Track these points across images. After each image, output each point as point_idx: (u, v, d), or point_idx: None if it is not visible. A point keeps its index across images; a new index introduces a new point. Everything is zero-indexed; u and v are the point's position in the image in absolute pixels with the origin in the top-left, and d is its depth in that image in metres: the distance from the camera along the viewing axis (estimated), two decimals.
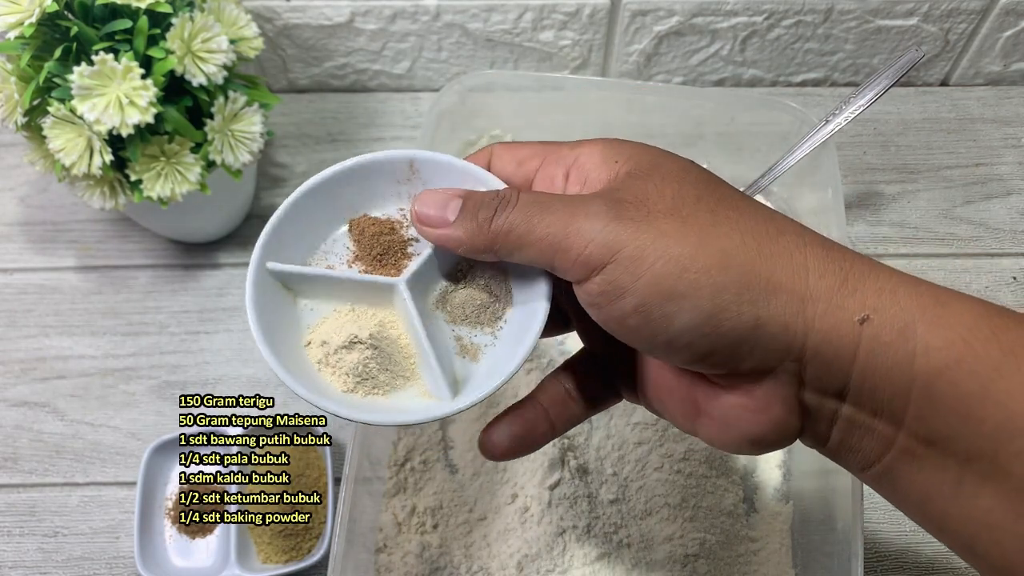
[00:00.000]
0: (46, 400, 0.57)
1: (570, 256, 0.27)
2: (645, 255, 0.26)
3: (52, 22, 0.49)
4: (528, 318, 0.32)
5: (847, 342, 0.26)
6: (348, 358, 0.32)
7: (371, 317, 0.33)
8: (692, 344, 0.27)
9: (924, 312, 0.26)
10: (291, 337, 0.33)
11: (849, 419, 0.27)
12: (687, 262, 0.26)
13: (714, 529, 0.49)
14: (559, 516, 0.49)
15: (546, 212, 0.28)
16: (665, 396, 0.31)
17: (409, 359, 0.33)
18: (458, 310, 0.33)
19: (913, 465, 0.27)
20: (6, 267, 0.62)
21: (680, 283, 0.26)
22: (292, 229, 0.33)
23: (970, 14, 0.65)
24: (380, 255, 0.33)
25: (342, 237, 0.34)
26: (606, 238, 0.27)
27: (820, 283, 0.26)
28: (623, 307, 0.27)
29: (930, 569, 0.51)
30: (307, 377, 0.32)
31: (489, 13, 0.64)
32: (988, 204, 0.64)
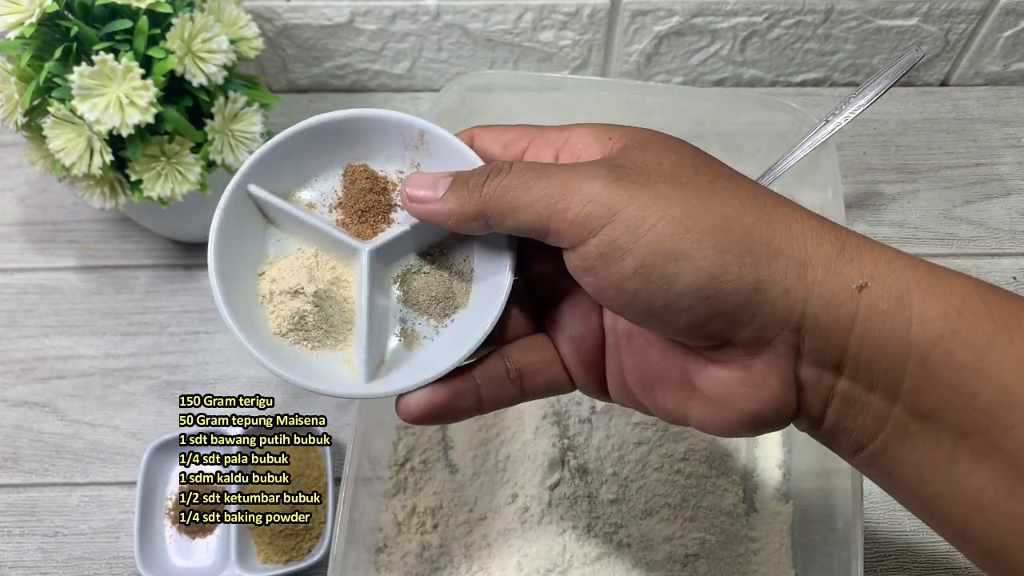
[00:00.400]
0: (46, 400, 0.57)
1: (567, 216, 0.27)
2: (646, 215, 0.26)
3: (52, 22, 0.49)
4: (472, 328, 0.31)
5: (846, 310, 0.26)
6: (289, 304, 0.32)
7: (330, 270, 0.33)
8: (692, 308, 0.26)
9: (919, 282, 0.26)
10: (249, 261, 0.32)
11: (845, 395, 0.27)
12: (689, 222, 0.26)
13: (714, 529, 0.49)
14: (559, 516, 0.49)
15: (542, 175, 0.28)
16: (652, 380, 0.31)
17: (348, 324, 0.32)
18: (413, 293, 0.33)
19: (907, 444, 0.27)
20: (6, 267, 0.62)
21: (682, 243, 0.26)
22: (286, 157, 0.33)
23: (970, 14, 0.65)
24: (362, 211, 0.33)
25: (334, 178, 0.34)
26: (607, 197, 0.26)
27: (818, 250, 0.26)
28: (622, 269, 0.26)
29: (930, 569, 0.51)
30: (245, 305, 0.32)
31: (489, 13, 0.64)
32: (988, 204, 0.64)
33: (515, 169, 0.29)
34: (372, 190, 0.33)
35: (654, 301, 0.26)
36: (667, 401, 0.30)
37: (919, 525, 0.52)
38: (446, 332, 0.33)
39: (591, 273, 0.28)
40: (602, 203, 0.26)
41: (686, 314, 0.26)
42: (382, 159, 0.34)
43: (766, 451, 0.53)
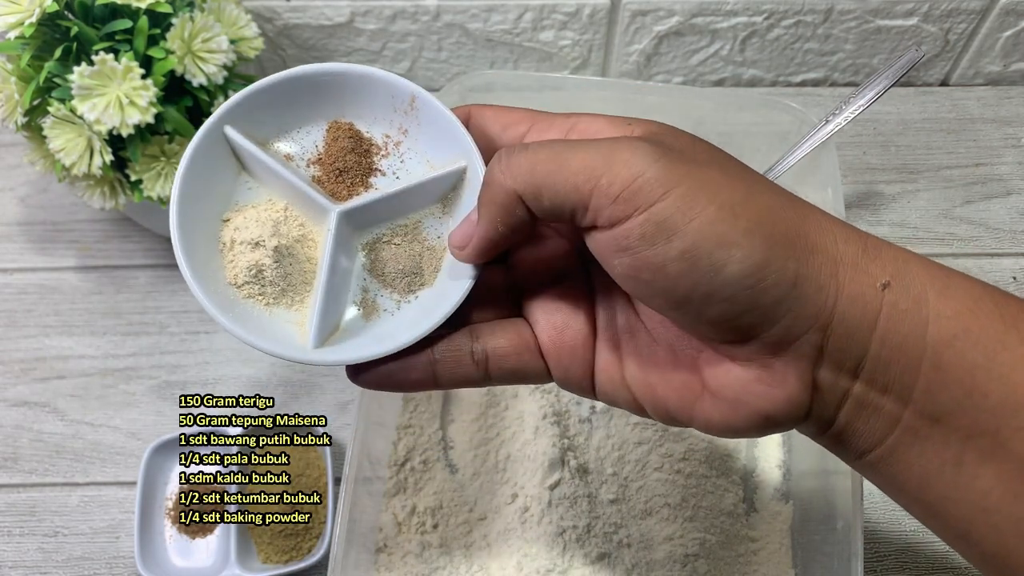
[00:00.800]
0: (46, 400, 0.57)
1: (612, 191, 0.25)
2: (698, 197, 0.25)
3: (52, 22, 0.49)
4: (435, 308, 0.30)
5: (870, 308, 0.26)
6: (248, 255, 0.30)
7: (298, 226, 0.32)
8: (733, 298, 0.25)
9: (934, 282, 0.26)
10: (215, 206, 0.31)
11: (859, 398, 0.27)
12: (739, 210, 0.25)
13: (714, 529, 0.49)
14: (559, 516, 0.49)
15: (578, 147, 0.26)
16: (656, 378, 0.29)
17: (307, 285, 0.31)
18: (379, 263, 0.32)
19: (915, 447, 0.26)
20: (6, 267, 0.62)
21: (734, 230, 0.25)
22: (270, 103, 0.31)
23: (970, 14, 0.65)
24: (341, 171, 0.32)
25: (317, 132, 0.32)
26: (657, 174, 0.25)
27: (847, 248, 0.26)
28: (668, 251, 0.25)
29: (930, 569, 0.51)
30: (203, 250, 0.30)
31: (489, 13, 0.64)
32: (988, 204, 0.64)
33: (540, 142, 0.27)
34: (354, 150, 0.32)
35: (696, 288, 0.25)
36: (671, 400, 0.29)
37: (919, 525, 0.52)
38: (408, 308, 0.32)
39: (628, 253, 0.26)
40: (652, 179, 0.25)
41: (725, 304, 0.25)
42: (369, 120, 0.32)
43: (766, 451, 0.53)
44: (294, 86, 0.31)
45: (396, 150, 0.33)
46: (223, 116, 0.31)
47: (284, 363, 0.58)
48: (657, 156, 0.25)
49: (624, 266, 0.26)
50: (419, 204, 0.32)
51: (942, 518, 0.27)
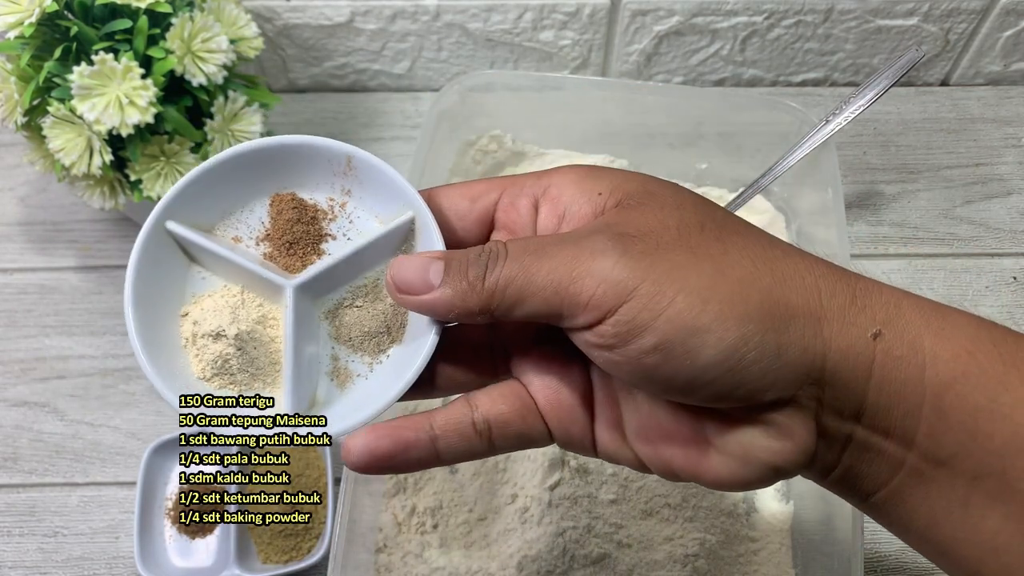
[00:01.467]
0: (46, 400, 0.57)
1: (580, 301, 0.25)
2: (664, 289, 0.25)
3: (52, 22, 0.49)
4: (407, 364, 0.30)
5: (863, 360, 0.25)
6: (211, 347, 0.30)
7: (256, 308, 0.31)
8: (715, 381, 0.25)
9: (929, 324, 0.26)
10: (171, 302, 0.31)
11: (862, 442, 0.27)
12: (708, 293, 0.25)
13: (714, 529, 0.49)
14: (559, 516, 0.49)
15: (544, 258, 0.26)
16: (658, 437, 0.29)
17: (275, 365, 0.31)
18: (344, 329, 0.31)
19: (920, 488, 0.26)
20: (6, 267, 0.62)
21: (703, 316, 0.25)
22: (208, 189, 0.31)
23: (970, 14, 0.65)
24: (290, 243, 0.31)
25: (260, 209, 0.32)
26: (619, 276, 0.25)
27: (832, 302, 0.26)
28: (641, 346, 0.25)
29: (930, 569, 0.51)
30: (166, 349, 0.30)
31: (489, 13, 0.64)
32: (988, 204, 0.64)
33: (513, 253, 0.27)
34: (300, 220, 0.31)
35: (676, 376, 0.25)
36: (676, 459, 0.29)
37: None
38: (380, 369, 0.31)
39: (606, 350, 0.26)
40: (616, 282, 0.25)
41: (709, 386, 0.25)
42: (311, 187, 0.32)
43: None
44: (230, 167, 0.31)
45: (343, 211, 0.32)
46: (163, 212, 0.30)
47: None
48: (618, 255, 0.25)
49: (605, 360, 0.27)
50: (374, 261, 0.32)
51: (951, 558, 0.27)
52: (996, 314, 0.60)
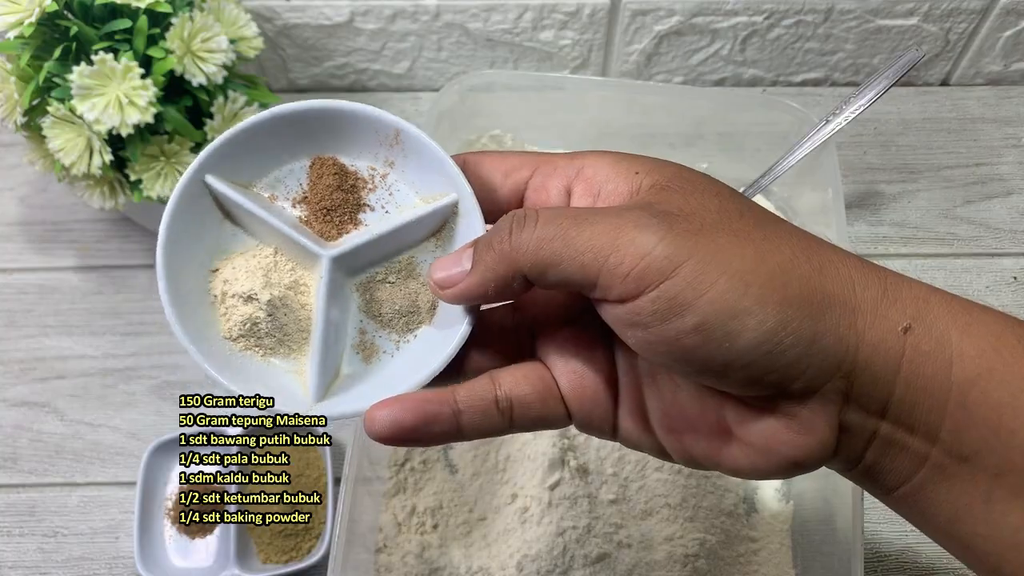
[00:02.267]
0: (46, 400, 0.57)
1: (620, 271, 0.25)
2: (707, 270, 0.25)
3: (52, 22, 0.48)
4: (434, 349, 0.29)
5: (893, 353, 0.26)
6: (241, 308, 0.30)
7: (288, 272, 0.31)
8: (751, 364, 0.25)
9: (956, 320, 0.26)
10: (202, 256, 0.30)
11: (886, 438, 0.27)
12: (750, 277, 0.25)
13: (714, 529, 0.49)
14: (559, 516, 0.49)
15: (584, 224, 0.26)
16: (681, 425, 0.29)
17: (303, 332, 0.30)
18: (375, 304, 0.31)
19: (943, 484, 0.26)
20: (6, 267, 0.62)
21: (745, 299, 0.25)
22: (250, 145, 0.30)
23: (970, 14, 0.65)
24: (328, 209, 0.31)
25: (300, 171, 0.31)
26: (664, 252, 0.25)
27: (865, 294, 0.26)
28: (681, 326, 0.25)
29: (930, 570, 0.51)
30: (195, 304, 0.30)
31: (489, 13, 0.64)
32: (988, 204, 0.64)
33: (546, 217, 0.27)
34: (340, 187, 0.31)
35: (712, 359, 0.25)
36: (697, 447, 0.29)
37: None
38: (407, 349, 0.31)
39: (641, 328, 0.26)
40: (660, 257, 0.25)
41: (744, 370, 0.25)
42: (353, 154, 0.31)
43: None
44: (275, 125, 0.30)
45: (383, 183, 0.32)
46: (203, 164, 0.30)
47: None
48: (664, 231, 0.25)
49: (638, 339, 0.26)
50: (412, 240, 0.31)
51: (973, 553, 0.27)
52: None
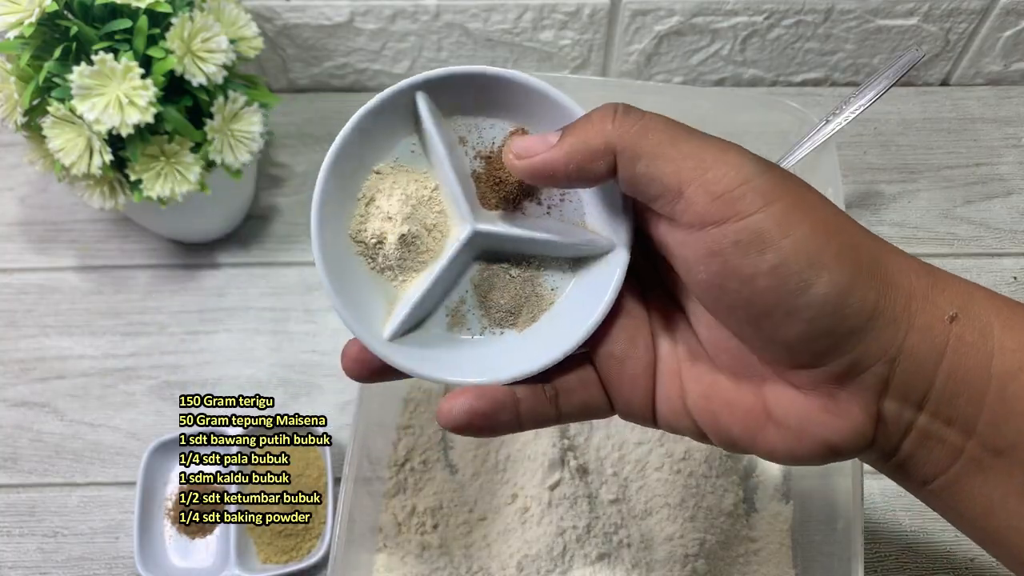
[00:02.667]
0: (46, 400, 0.57)
1: (715, 189, 0.25)
2: (795, 213, 0.25)
3: (52, 22, 0.48)
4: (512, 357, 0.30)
5: (938, 342, 0.26)
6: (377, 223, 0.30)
7: (436, 213, 0.31)
8: (812, 320, 0.25)
9: (999, 313, 0.26)
10: (373, 155, 0.31)
11: (923, 430, 0.27)
12: (831, 233, 0.25)
13: (714, 529, 0.49)
14: (559, 516, 0.49)
15: (692, 135, 0.26)
16: (719, 407, 0.29)
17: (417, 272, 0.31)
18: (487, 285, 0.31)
19: (978, 477, 0.26)
20: (6, 267, 0.62)
21: (827, 250, 0.25)
22: (472, 89, 0.30)
23: (970, 14, 0.65)
24: (500, 180, 0.31)
25: (500, 131, 0.31)
26: (764, 184, 0.25)
27: (919, 281, 0.26)
28: (760, 263, 0.25)
29: (930, 569, 0.51)
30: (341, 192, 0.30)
31: (489, 13, 0.64)
32: (988, 204, 0.64)
33: (656, 116, 0.26)
34: None
35: (779, 304, 0.25)
36: (734, 428, 0.29)
37: (919, 525, 0.52)
38: (487, 340, 0.31)
39: (718, 260, 0.26)
40: (760, 187, 0.25)
41: (804, 325, 0.25)
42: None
43: None
44: (502, 86, 0.30)
45: (561, 190, 0.32)
46: (422, 82, 0.30)
47: (284, 363, 0.58)
48: (764, 168, 0.26)
49: (711, 273, 0.26)
50: (552, 255, 0.31)
51: (1005, 547, 0.27)
52: None
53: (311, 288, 0.61)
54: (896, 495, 0.53)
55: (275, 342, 0.59)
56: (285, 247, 0.63)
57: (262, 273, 0.62)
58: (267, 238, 0.63)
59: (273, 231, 0.63)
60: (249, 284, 0.61)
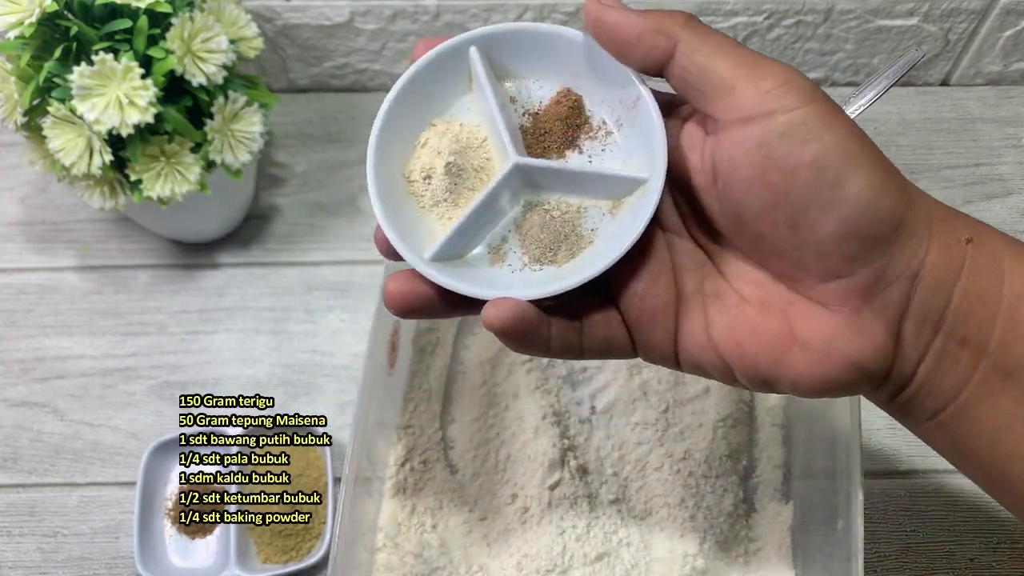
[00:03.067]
0: (46, 400, 0.57)
1: (763, 84, 0.27)
2: (834, 113, 0.27)
3: (52, 22, 0.49)
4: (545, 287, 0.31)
5: (955, 260, 0.28)
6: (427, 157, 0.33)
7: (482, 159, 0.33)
8: (846, 218, 0.27)
9: (1008, 245, 0.28)
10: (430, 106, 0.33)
11: (939, 351, 0.28)
12: (863, 139, 0.28)
13: (714, 529, 0.49)
14: (559, 516, 0.49)
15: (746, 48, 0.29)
16: (745, 337, 0.30)
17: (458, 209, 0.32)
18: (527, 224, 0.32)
19: (987, 402, 0.28)
20: (6, 267, 0.62)
21: (862, 151, 0.27)
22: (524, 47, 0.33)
23: (970, 14, 0.65)
24: (544, 132, 0.33)
25: (547, 90, 0.34)
26: (805, 84, 0.28)
27: (936, 206, 0.29)
28: (802, 155, 0.27)
29: (930, 569, 0.51)
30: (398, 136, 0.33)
31: (489, 13, 0.64)
32: (988, 204, 0.64)
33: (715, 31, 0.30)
34: (567, 120, 0.33)
35: (816, 198, 0.27)
36: (760, 356, 0.29)
37: (919, 525, 0.52)
38: (526, 275, 0.32)
39: (763, 151, 0.27)
40: (801, 87, 0.27)
41: (838, 223, 0.27)
42: (596, 100, 0.33)
43: (766, 451, 0.53)
44: (552, 41, 0.32)
45: (604, 138, 0.33)
46: (477, 38, 0.32)
47: (284, 363, 0.58)
48: (802, 76, 0.28)
49: (755, 167, 0.28)
50: (592, 193, 0.33)
51: (1008, 477, 0.28)
52: None
53: (311, 288, 0.61)
54: (896, 495, 0.53)
55: (275, 342, 0.59)
56: (285, 247, 0.63)
57: (262, 273, 0.62)
58: (267, 238, 0.63)
59: (273, 231, 0.63)
60: (249, 284, 0.61)
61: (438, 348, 0.56)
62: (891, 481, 0.54)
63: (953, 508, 0.53)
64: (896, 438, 0.55)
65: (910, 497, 0.53)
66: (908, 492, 0.53)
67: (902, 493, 0.53)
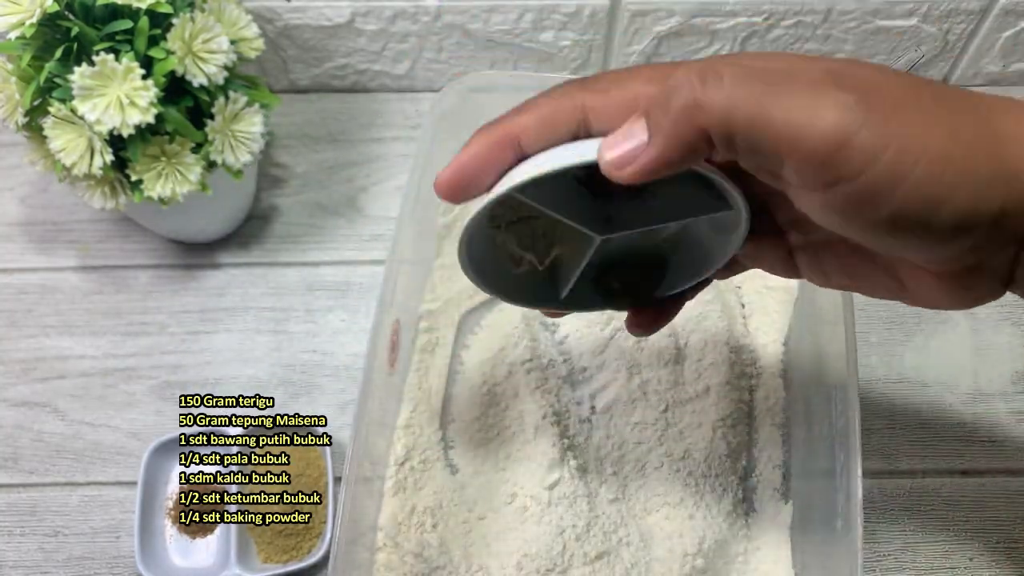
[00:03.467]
0: (46, 400, 0.57)
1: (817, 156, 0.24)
2: (905, 158, 0.24)
3: (53, 22, 0.49)
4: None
5: None
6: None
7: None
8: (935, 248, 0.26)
9: None
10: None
11: None
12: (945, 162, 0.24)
13: (713, 529, 0.49)
14: (559, 516, 0.49)
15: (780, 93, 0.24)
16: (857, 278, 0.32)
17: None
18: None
19: None
20: (6, 267, 0.62)
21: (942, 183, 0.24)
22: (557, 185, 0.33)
23: (969, 14, 0.65)
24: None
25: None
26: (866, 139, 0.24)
27: None
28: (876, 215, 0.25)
29: (930, 569, 0.51)
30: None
31: (489, 14, 0.64)
32: None
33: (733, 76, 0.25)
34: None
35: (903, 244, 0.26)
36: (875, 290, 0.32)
37: (919, 525, 0.52)
38: None
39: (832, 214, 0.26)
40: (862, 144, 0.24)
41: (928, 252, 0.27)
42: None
43: (765, 451, 0.53)
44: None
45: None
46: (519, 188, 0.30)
47: (284, 363, 0.58)
48: (864, 115, 0.24)
49: (828, 223, 0.27)
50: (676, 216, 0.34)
51: None
52: (995, 314, 0.60)
53: (311, 288, 0.61)
54: (896, 495, 0.53)
55: (275, 342, 0.59)
56: (285, 247, 0.63)
57: (262, 273, 0.62)
58: (268, 238, 0.63)
59: (274, 231, 0.63)
60: (249, 284, 0.61)
61: (438, 348, 0.56)
62: (891, 481, 0.54)
63: (953, 508, 0.53)
64: (896, 438, 0.55)
65: (910, 497, 0.53)
66: (908, 492, 0.53)
67: (902, 493, 0.53)
